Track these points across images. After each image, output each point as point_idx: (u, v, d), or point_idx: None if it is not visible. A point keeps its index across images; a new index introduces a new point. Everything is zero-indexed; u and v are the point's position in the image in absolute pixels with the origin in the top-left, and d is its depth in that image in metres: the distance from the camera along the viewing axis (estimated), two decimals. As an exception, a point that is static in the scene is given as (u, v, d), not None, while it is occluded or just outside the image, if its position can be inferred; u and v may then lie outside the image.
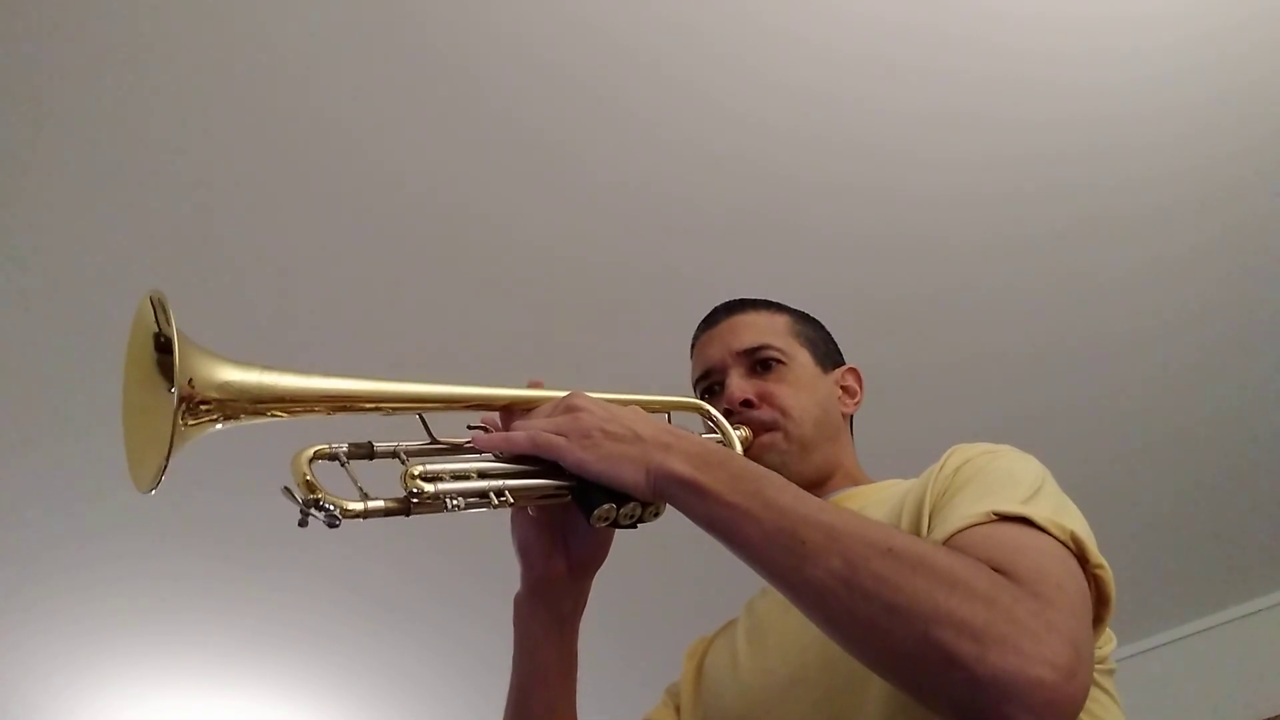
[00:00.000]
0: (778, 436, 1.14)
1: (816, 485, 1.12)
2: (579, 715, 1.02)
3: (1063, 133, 2.05)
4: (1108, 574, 0.82)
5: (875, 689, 0.88)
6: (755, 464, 0.86)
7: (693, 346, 1.27)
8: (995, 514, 0.80)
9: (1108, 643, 0.92)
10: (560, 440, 0.86)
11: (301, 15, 1.74)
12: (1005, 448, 0.95)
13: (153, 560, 2.83)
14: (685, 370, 1.29)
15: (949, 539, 0.80)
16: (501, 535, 0.99)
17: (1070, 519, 0.82)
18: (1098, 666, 0.89)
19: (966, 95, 1.98)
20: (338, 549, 2.82)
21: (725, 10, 1.81)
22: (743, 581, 1.04)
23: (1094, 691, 0.89)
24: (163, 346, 0.76)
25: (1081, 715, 0.85)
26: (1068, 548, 0.79)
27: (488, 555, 1.65)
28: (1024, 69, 1.94)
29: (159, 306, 0.78)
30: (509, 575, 0.99)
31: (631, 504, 0.85)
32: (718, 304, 1.29)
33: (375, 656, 3.29)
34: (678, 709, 1.17)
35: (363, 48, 1.80)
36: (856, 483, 1.18)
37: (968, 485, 0.87)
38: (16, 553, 2.77)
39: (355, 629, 3.15)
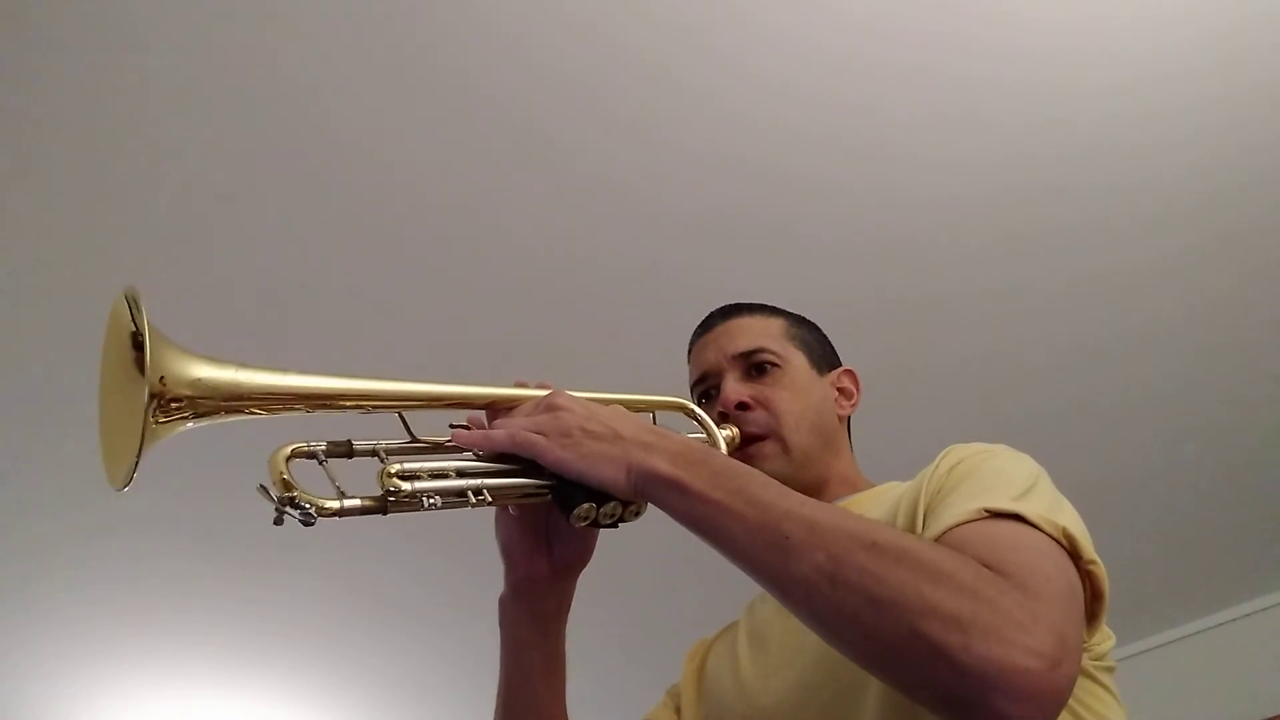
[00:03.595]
0: (775, 445, 1.14)
1: (814, 492, 1.11)
2: (580, 716, 1.02)
3: (1062, 133, 2.05)
4: (1101, 570, 0.83)
5: (874, 692, 0.88)
6: (737, 461, 0.86)
7: (689, 351, 1.27)
8: (987, 511, 0.80)
9: (1106, 640, 0.92)
10: (540, 439, 0.85)
11: (302, 18, 1.74)
12: (1000, 447, 0.95)
13: (153, 560, 2.83)
14: (681, 370, 1.29)
15: (941, 536, 0.80)
16: (503, 536, 0.99)
17: (1063, 516, 0.82)
18: (1097, 663, 0.90)
19: (966, 96, 1.98)
20: (338, 549, 2.82)
21: (725, 11, 1.81)
22: (743, 583, 1.04)
23: (1094, 688, 0.90)
24: (136, 343, 0.76)
25: (1083, 712, 0.86)
26: (1060, 544, 0.79)
27: (488, 555, 1.65)
28: (1023, 70, 1.94)
29: (133, 303, 0.77)
30: (510, 576, 0.99)
31: (612, 503, 0.84)
32: (714, 308, 1.28)
33: (375, 656, 3.29)
34: (678, 710, 1.17)
35: (361, 48, 1.80)
36: (855, 487, 1.18)
37: (961, 484, 0.87)
38: (17, 553, 2.77)
39: (355, 629, 3.15)
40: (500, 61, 1.85)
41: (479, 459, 0.87)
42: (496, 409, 0.94)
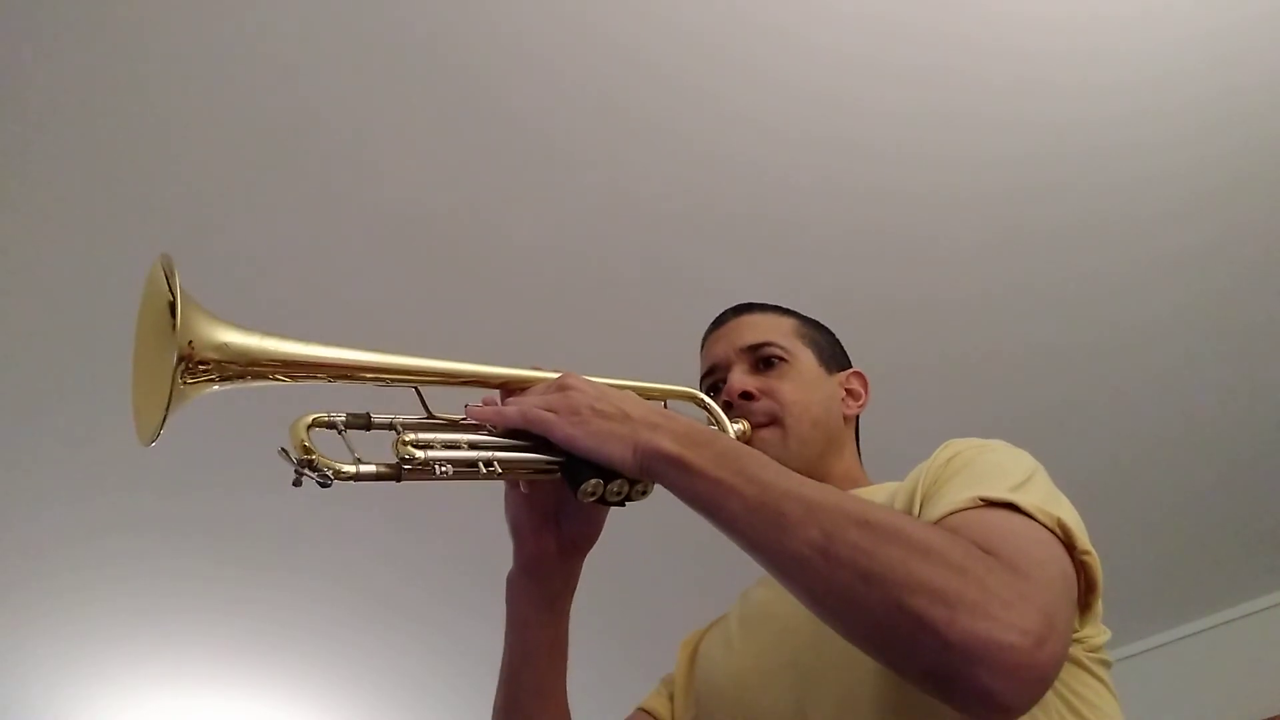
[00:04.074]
0: (776, 431, 1.15)
1: None
2: (575, 705, 1.03)
3: (1062, 132, 2.06)
4: (1095, 561, 0.83)
5: (865, 672, 0.88)
6: (740, 444, 0.88)
7: (701, 347, 1.29)
8: (982, 499, 0.81)
9: (1101, 634, 0.92)
10: (550, 416, 0.88)
11: (300, 15, 1.75)
12: (997, 442, 0.96)
13: (153, 560, 2.83)
14: (683, 370, 1.30)
15: (936, 524, 0.81)
16: (503, 536, 1.00)
17: (1058, 507, 0.83)
18: (1091, 654, 0.91)
19: (966, 95, 1.98)
20: (339, 549, 2.83)
21: (725, 10, 1.82)
22: (738, 573, 1.05)
23: (1089, 679, 0.90)
24: (170, 308, 0.80)
25: (1076, 702, 0.87)
26: (1054, 534, 0.80)
27: (489, 556, 1.65)
28: (1023, 69, 1.95)
29: (167, 271, 0.82)
30: (510, 574, 1.00)
31: (619, 481, 0.87)
32: (715, 306, 1.30)
33: (375, 656, 3.29)
34: (671, 697, 1.18)
35: (362, 47, 1.81)
36: (856, 483, 1.18)
37: (958, 475, 0.89)
38: (17, 552, 2.78)
39: (355, 629, 3.15)
40: (506, 63, 1.86)
41: (492, 434, 0.90)
42: (510, 389, 0.97)
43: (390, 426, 0.87)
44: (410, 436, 0.83)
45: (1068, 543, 0.81)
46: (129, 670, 3.24)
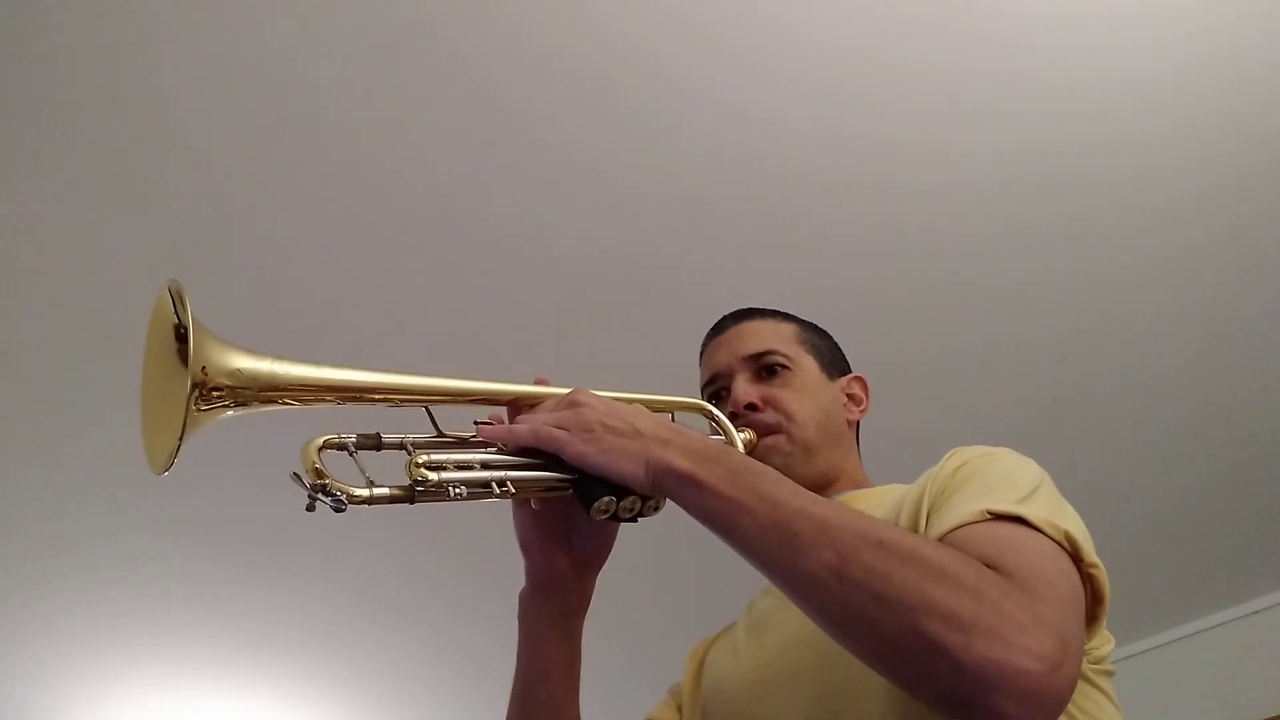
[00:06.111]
0: (781, 439, 1.15)
1: (820, 489, 1.12)
2: (583, 714, 1.02)
3: (1063, 131, 2.05)
4: (1102, 574, 0.83)
5: (874, 685, 0.88)
6: (752, 460, 0.88)
7: (701, 354, 1.28)
8: (990, 513, 0.81)
9: (1105, 644, 0.93)
10: (561, 433, 0.87)
11: (309, 19, 1.75)
12: (1004, 450, 0.96)
13: (153, 560, 2.83)
14: (691, 371, 1.30)
15: (943, 537, 0.81)
16: (503, 536, 1.00)
17: (1066, 519, 0.83)
18: (1095, 667, 0.91)
19: (967, 94, 1.98)
20: (339, 550, 2.83)
21: (727, 11, 1.82)
22: (745, 583, 1.05)
23: (1092, 692, 0.90)
24: (180, 335, 0.79)
25: (1080, 716, 0.87)
26: (1062, 547, 0.80)
27: (489, 556, 1.65)
28: (1024, 68, 1.94)
29: (176, 297, 0.81)
30: (510, 576, 1.00)
31: (631, 497, 0.86)
32: (724, 309, 1.30)
33: (376, 657, 3.29)
34: (679, 708, 1.18)
35: (369, 49, 1.81)
36: (860, 487, 1.19)
37: (964, 486, 0.88)
38: (17, 553, 2.78)
39: (355, 629, 3.15)
40: (507, 63, 1.85)
41: (503, 453, 0.89)
42: (520, 406, 0.96)
43: (401, 446, 0.86)
44: (423, 458, 0.83)
45: (1075, 555, 0.81)
46: (129, 670, 3.24)
